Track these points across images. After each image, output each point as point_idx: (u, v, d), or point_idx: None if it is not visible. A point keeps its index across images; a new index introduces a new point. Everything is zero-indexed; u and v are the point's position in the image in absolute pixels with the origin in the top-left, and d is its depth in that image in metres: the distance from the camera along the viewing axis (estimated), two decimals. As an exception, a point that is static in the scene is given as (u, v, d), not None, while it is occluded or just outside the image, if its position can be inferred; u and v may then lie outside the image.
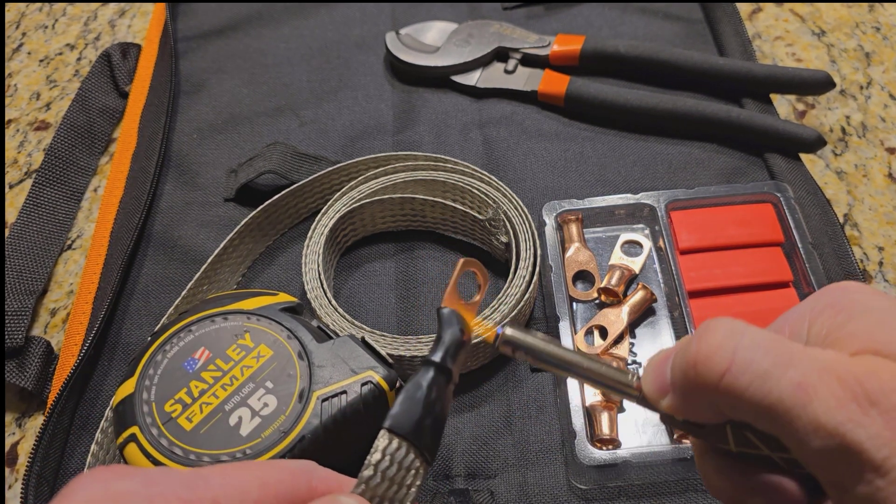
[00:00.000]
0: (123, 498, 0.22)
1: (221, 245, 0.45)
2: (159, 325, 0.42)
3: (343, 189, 0.47)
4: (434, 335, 0.41)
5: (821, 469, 0.21)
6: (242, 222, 0.46)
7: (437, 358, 0.26)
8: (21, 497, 0.37)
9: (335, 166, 0.48)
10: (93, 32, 0.65)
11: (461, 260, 0.28)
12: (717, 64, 0.53)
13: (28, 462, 0.38)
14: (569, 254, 0.46)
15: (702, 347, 0.22)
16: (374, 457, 0.24)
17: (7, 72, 0.62)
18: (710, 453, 0.25)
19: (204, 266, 0.44)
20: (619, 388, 0.26)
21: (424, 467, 0.25)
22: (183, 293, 0.43)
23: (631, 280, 0.45)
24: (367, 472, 0.24)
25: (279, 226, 0.49)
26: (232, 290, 0.47)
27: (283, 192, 0.47)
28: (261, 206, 0.46)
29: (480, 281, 0.29)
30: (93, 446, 0.38)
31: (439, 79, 0.56)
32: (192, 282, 0.44)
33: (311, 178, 0.48)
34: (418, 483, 0.25)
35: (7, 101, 0.60)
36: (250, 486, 0.23)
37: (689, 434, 0.25)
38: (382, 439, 0.25)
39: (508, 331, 0.27)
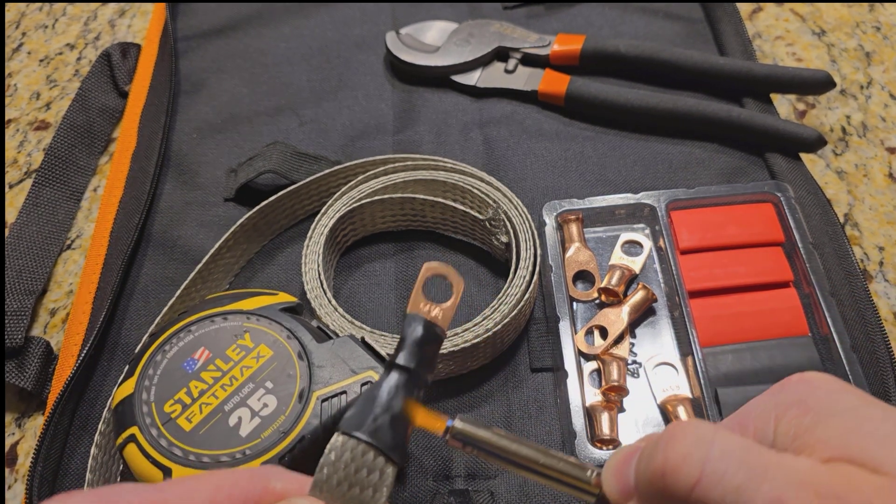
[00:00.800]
0: None
1: (216, 246, 0.45)
2: (153, 326, 0.42)
3: (343, 189, 0.47)
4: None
5: None
6: (238, 223, 0.46)
7: (397, 359, 0.26)
8: (26, 499, 0.37)
9: (332, 168, 0.48)
10: (93, 32, 0.65)
11: (424, 265, 0.28)
12: (718, 63, 0.53)
13: (31, 463, 0.38)
14: (569, 254, 0.46)
15: (669, 455, 0.21)
16: (328, 457, 0.24)
17: (7, 71, 0.62)
18: None
19: (198, 266, 0.44)
20: (577, 485, 0.24)
21: (392, 468, 0.25)
22: (178, 293, 0.43)
23: (631, 280, 0.45)
24: (319, 475, 0.24)
25: (275, 227, 0.48)
26: (227, 290, 0.47)
27: (279, 194, 0.47)
28: (257, 207, 0.46)
29: (453, 283, 0.28)
30: (93, 447, 0.38)
31: (439, 78, 0.56)
32: (187, 281, 0.44)
33: (307, 180, 0.48)
34: (388, 483, 0.24)
35: (7, 100, 0.60)
36: (201, 488, 0.23)
37: None
38: (334, 439, 0.24)
39: (458, 423, 0.26)
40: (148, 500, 0.23)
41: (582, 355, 0.42)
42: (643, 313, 0.44)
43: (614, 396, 0.40)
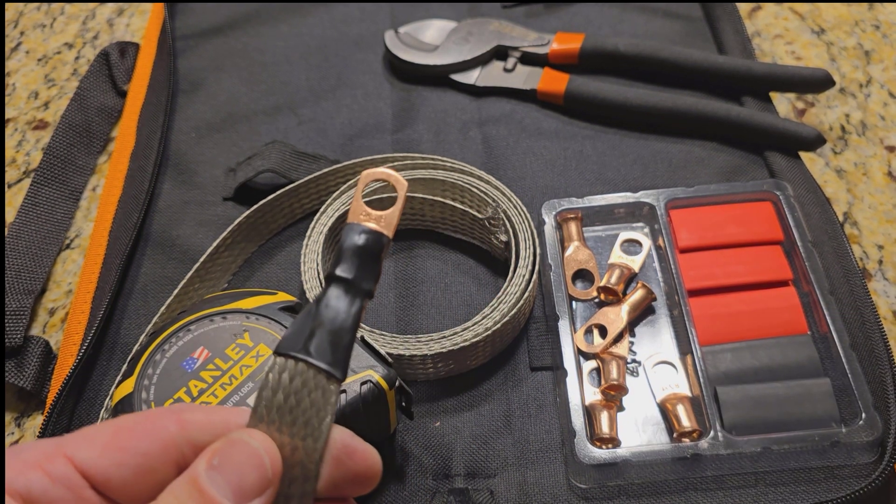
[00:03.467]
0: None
1: (214, 244, 0.45)
2: (150, 326, 0.42)
3: (342, 188, 0.47)
4: (433, 334, 0.41)
5: None
6: (236, 221, 0.46)
7: (334, 271, 0.25)
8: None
9: (331, 167, 0.48)
10: (91, 31, 0.65)
11: (363, 172, 0.26)
12: (717, 62, 0.53)
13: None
14: (568, 252, 0.46)
15: None
16: (265, 382, 0.23)
17: (5, 70, 0.62)
18: None
19: (196, 266, 0.44)
20: None
21: (334, 385, 0.23)
22: (175, 292, 0.43)
23: (630, 279, 0.45)
24: (257, 402, 0.23)
25: (273, 226, 0.48)
26: (224, 289, 0.47)
27: (277, 193, 0.47)
28: (255, 206, 0.46)
29: (396, 187, 0.27)
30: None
31: (438, 77, 0.56)
32: (185, 280, 0.43)
33: (305, 179, 0.48)
34: (332, 401, 0.23)
35: (6, 100, 0.60)
36: (100, 432, 0.23)
37: None
38: (271, 361, 0.23)
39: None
40: (45, 453, 0.23)
41: (581, 354, 0.42)
42: (642, 312, 0.44)
43: (614, 395, 0.40)
